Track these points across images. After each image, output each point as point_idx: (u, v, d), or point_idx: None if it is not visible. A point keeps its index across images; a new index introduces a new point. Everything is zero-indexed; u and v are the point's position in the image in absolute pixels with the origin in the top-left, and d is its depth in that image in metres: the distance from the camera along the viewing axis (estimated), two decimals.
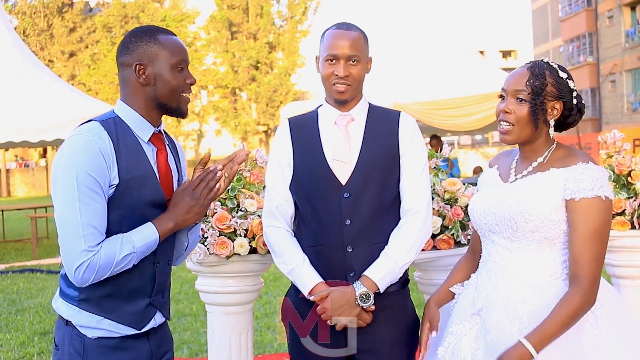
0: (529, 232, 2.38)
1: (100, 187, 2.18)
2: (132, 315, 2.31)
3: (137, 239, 2.23)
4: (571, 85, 2.45)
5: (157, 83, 2.32)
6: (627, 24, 36.73)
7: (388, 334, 2.68)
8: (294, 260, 2.68)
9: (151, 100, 2.34)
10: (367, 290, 2.57)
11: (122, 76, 2.36)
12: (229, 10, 40.83)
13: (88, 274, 2.16)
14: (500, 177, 2.59)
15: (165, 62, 2.31)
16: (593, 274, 2.28)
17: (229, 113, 40.99)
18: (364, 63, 2.71)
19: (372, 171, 2.68)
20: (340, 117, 2.75)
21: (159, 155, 2.39)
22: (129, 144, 2.28)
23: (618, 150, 3.58)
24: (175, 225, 2.32)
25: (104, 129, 2.25)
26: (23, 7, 41.49)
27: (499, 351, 2.29)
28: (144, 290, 2.35)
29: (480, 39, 60.60)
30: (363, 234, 2.65)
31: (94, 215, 2.17)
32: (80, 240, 2.14)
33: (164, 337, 2.48)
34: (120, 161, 2.23)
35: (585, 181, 2.31)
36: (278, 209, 2.76)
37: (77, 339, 2.26)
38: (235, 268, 3.21)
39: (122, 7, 40.51)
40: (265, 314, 7.04)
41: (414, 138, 2.75)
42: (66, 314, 2.29)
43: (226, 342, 3.31)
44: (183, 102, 2.38)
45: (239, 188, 3.25)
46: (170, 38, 2.35)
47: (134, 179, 2.26)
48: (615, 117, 37.71)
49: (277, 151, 2.81)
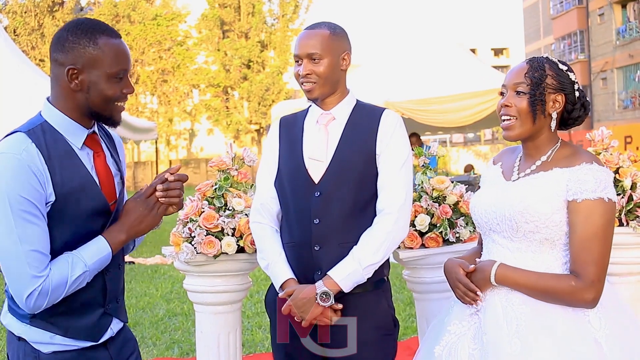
0: (529, 233, 2.34)
1: (37, 207, 2.03)
2: (87, 329, 2.20)
3: (88, 255, 2.12)
4: (572, 77, 2.41)
5: (90, 91, 2.13)
6: (618, 21, 36.83)
7: (357, 334, 2.65)
8: (270, 256, 2.72)
9: (82, 106, 2.16)
10: (327, 290, 2.56)
11: (54, 73, 2.17)
12: (220, 9, 40.75)
13: (40, 301, 2.04)
14: (503, 175, 2.54)
15: (102, 70, 2.12)
16: (591, 274, 2.23)
17: (220, 112, 40.91)
18: (332, 59, 2.69)
19: (347, 170, 2.66)
20: (322, 116, 2.77)
21: (97, 159, 2.23)
22: (61, 154, 2.11)
23: (606, 148, 3.57)
24: (128, 237, 2.21)
25: (32, 141, 2.07)
26: (13, 6, 41.25)
27: (495, 352, 2.26)
28: (96, 302, 2.23)
29: (472, 37, 60.72)
30: (332, 234, 2.64)
31: (35, 239, 2.02)
32: (25, 267, 2.01)
33: (125, 342, 2.37)
34: (54, 175, 2.07)
35: (588, 182, 2.27)
36: (263, 205, 2.79)
37: (30, 354, 2.14)
38: (223, 267, 3.20)
39: (113, 6, 40.39)
40: (257, 313, 7.03)
41: (394, 136, 2.71)
42: (17, 331, 2.16)
43: (214, 342, 3.29)
44: (116, 111, 2.20)
45: (226, 187, 3.24)
46: (112, 42, 2.14)
47: (72, 191, 2.11)
48: (606, 114, 37.80)
49: (267, 149, 2.85)
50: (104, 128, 2.35)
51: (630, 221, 3.45)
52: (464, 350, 2.39)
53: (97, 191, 2.19)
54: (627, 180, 3.48)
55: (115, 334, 2.32)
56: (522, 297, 2.33)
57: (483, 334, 2.36)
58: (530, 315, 2.29)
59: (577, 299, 2.24)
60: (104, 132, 2.35)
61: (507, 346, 2.25)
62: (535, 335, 2.25)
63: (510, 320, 2.31)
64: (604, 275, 2.26)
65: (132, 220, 2.22)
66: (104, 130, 2.36)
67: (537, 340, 2.23)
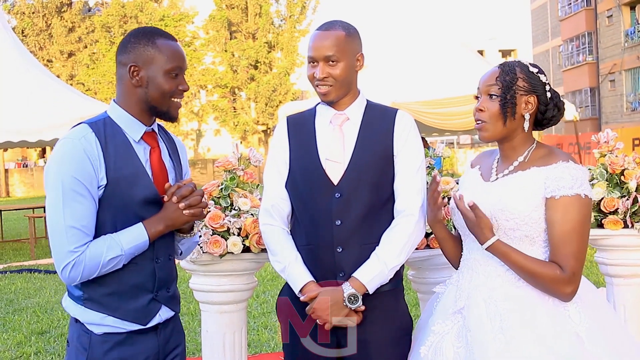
0: (509, 230, 2.40)
1: (87, 189, 2.24)
2: (135, 312, 2.35)
3: (126, 240, 2.28)
4: (543, 79, 2.49)
5: (149, 86, 2.35)
6: (626, 23, 36.71)
7: (378, 334, 2.66)
8: (286, 258, 2.68)
9: (142, 101, 2.37)
10: (355, 292, 2.56)
11: (119, 74, 2.40)
12: (227, 10, 40.78)
13: (74, 274, 2.24)
14: (482, 176, 2.61)
15: (159, 66, 2.35)
16: (571, 268, 2.31)
17: (228, 112, 40.92)
18: (348, 61, 2.67)
19: (365, 171, 2.65)
20: (335, 116, 2.73)
21: (152, 153, 2.42)
22: (117, 144, 2.32)
23: (611, 150, 3.58)
24: (165, 227, 2.35)
25: (92, 130, 2.30)
26: (22, 7, 41.43)
27: (479, 349, 2.31)
28: (145, 287, 2.38)
29: (480, 38, 60.60)
30: (353, 235, 2.63)
31: (78, 217, 2.23)
32: (64, 241, 2.23)
33: (174, 332, 2.52)
34: (108, 161, 2.28)
35: (565, 179, 2.35)
36: (274, 207, 2.75)
37: (84, 335, 2.33)
38: (228, 267, 3.22)
39: (121, 7, 40.45)
40: (262, 313, 7.05)
41: (409, 137, 2.72)
42: (73, 312, 2.36)
43: (220, 341, 3.31)
44: (173, 107, 2.42)
45: (232, 187, 3.26)
46: (169, 43, 2.38)
47: (123, 177, 2.30)
48: (614, 116, 37.69)
49: (275, 149, 2.80)
50: (167, 132, 2.57)
51: (635, 223, 3.46)
52: (449, 349, 2.44)
53: (148, 181, 2.36)
54: (632, 182, 3.49)
55: (166, 322, 2.46)
56: (504, 294, 2.39)
57: (467, 331, 2.41)
58: (513, 311, 2.34)
59: (557, 288, 2.32)
60: (166, 134, 2.56)
61: (492, 342, 2.30)
62: (518, 330, 2.29)
63: (493, 316, 2.36)
64: (581, 269, 2.35)
65: (170, 212, 2.35)
66: (166, 133, 2.57)
67: (520, 335, 2.28)
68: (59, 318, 7.17)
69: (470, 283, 2.49)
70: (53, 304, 7.87)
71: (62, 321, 7.03)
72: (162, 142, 2.49)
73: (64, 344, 6.19)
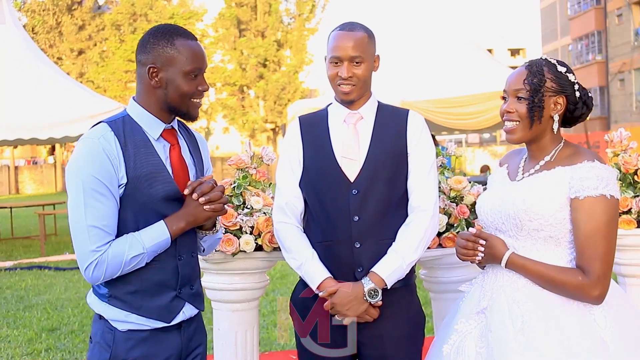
0: (533, 231, 2.38)
1: (107, 188, 2.24)
2: (159, 309, 2.35)
3: (148, 238, 2.28)
4: (571, 78, 2.45)
5: (168, 87, 2.33)
6: (636, 22, 36.55)
7: (393, 329, 2.71)
8: (302, 255, 2.71)
9: (161, 102, 2.35)
10: (375, 287, 2.60)
11: (138, 73, 2.39)
12: (237, 8, 40.83)
13: (97, 273, 2.24)
14: (509, 175, 2.60)
15: (179, 68, 2.32)
16: (597, 270, 2.27)
17: (236, 111, 40.99)
18: (369, 62, 2.74)
19: (380, 168, 2.71)
20: (349, 115, 2.79)
21: (172, 150, 2.41)
22: (136, 142, 2.31)
23: (624, 149, 3.57)
24: (187, 223, 2.34)
25: (111, 129, 2.29)
26: (33, 5, 41.60)
27: (500, 350, 2.29)
28: (168, 284, 2.38)
29: (489, 37, 60.46)
30: (371, 230, 2.68)
31: (99, 216, 2.23)
32: (86, 241, 2.22)
33: (197, 331, 2.52)
34: (127, 160, 2.27)
35: (590, 180, 2.30)
36: (288, 205, 2.79)
37: (108, 331, 2.33)
38: (240, 265, 3.23)
39: (131, 5, 40.54)
40: (272, 311, 7.05)
41: (422, 136, 2.79)
42: (98, 309, 2.36)
43: (232, 339, 3.32)
44: (193, 107, 2.40)
45: (244, 185, 3.26)
46: (188, 43, 2.35)
47: (143, 175, 2.29)
48: (624, 115, 37.55)
49: (288, 148, 2.85)
50: (187, 128, 2.55)
51: None
52: (471, 349, 2.43)
53: (168, 178, 2.34)
54: None
55: (189, 321, 2.46)
56: (528, 294, 2.36)
57: (488, 332, 2.39)
58: (536, 313, 2.32)
59: (583, 294, 2.28)
60: (186, 130, 2.54)
61: (512, 343, 2.28)
62: (540, 332, 2.27)
63: (515, 318, 2.34)
64: (609, 272, 2.29)
65: (191, 208, 2.34)
66: (186, 129, 2.54)
67: (542, 337, 2.26)
68: (69, 315, 7.21)
69: (494, 283, 2.47)
70: (63, 301, 7.91)
71: (72, 318, 7.07)
72: (182, 139, 2.47)
73: (74, 341, 6.23)
